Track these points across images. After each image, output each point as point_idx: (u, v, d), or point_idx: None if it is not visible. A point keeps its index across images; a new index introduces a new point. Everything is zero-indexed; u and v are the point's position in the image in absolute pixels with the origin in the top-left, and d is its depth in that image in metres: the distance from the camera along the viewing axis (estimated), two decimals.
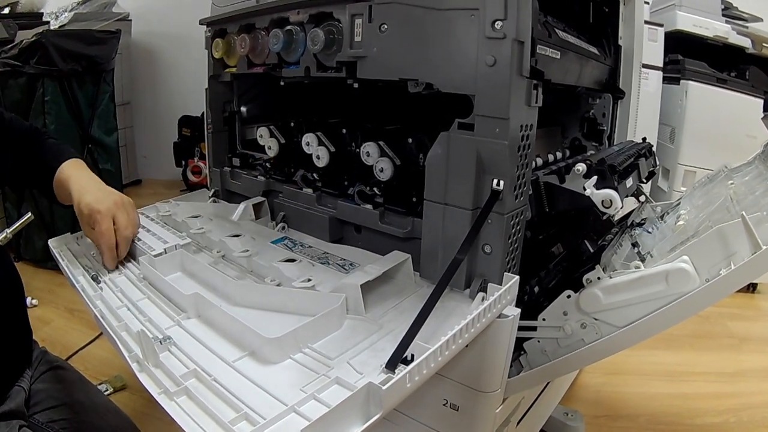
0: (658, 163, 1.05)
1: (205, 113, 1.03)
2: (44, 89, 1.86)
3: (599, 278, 0.64)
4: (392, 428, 0.71)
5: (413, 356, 0.48)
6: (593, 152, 1.04)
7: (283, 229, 0.88)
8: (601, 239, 0.73)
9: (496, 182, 0.60)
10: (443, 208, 0.64)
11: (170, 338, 0.55)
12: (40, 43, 1.80)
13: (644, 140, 1.09)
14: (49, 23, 2.26)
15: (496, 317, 0.58)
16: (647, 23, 1.37)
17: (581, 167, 0.69)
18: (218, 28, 0.94)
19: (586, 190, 0.67)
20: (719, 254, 0.58)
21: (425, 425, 0.69)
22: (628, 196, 0.85)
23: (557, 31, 0.79)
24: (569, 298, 0.66)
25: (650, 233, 0.81)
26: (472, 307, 0.59)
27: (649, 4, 1.63)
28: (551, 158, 0.92)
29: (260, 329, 0.53)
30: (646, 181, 0.96)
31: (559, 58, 0.73)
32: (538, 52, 0.61)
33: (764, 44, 1.92)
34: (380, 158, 0.76)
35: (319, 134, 0.84)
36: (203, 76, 1.01)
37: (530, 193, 0.67)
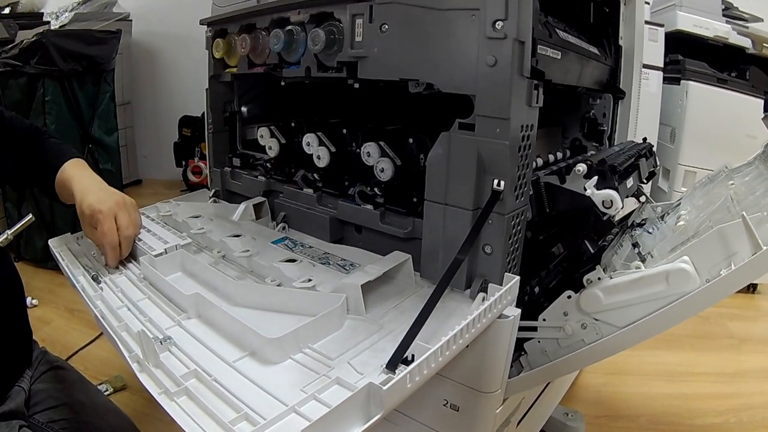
0: (658, 163, 1.05)
1: (205, 113, 1.03)
2: (45, 89, 1.86)
3: (600, 278, 0.64)
4: (392, 428, 0.71)
5: (414, 356, 0.48)
6: (594, 152, 1.04)
7: (283, 229, 0.88)
8: (601, 239, 0.73)
9: (496, 182, 0.60)
10: (444, 208, 0.64)
11: (170, 338, 0.55)
12: (40, 43, 1.80)
13: (644, 140, 1.09)
14: (49, 23, 2.26)
15: (496, 318, 0.58)
16: (648, 23, 1.37)
17: (582, 167, 0.69)
18: (219, 28, 0.94)
19: (586, 190, 0.67)
20: (720, 254, 0.58)
21: (425, 425, 0.69)
22: (628, 196, 0.85)
23: (558, 31, 0.79)
24: (570, 298, 0.66)
25: (651, 233, 0.81)
26: (472, 307, 0.59)
27: (649, 4, 1.63)
28: (552, 158, 0.92)
29: (261, 329, 0.53)
30: (646, 181, 0.96)
31: (559, 58, 0.73)
32: (538, 52, 0.61)
33: (764, 44, 1.92)
34: (381, 158, 0.76)
35: (319, 134, 0.84)
36: (204, 76, 1.01)
37: (531, 193, 0.67)
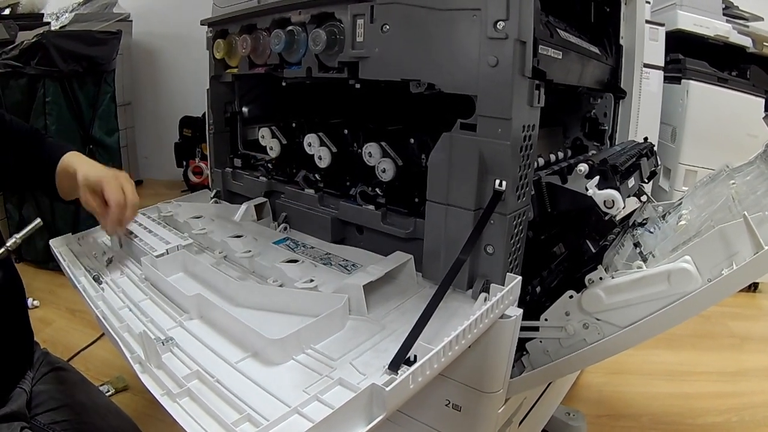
0: (659, 162, 1.05)
1: (206, 114, 1.03)
2: (45, 90, 1.86)
3: (601, 278, 0.64)
4: (394, 428, 0.71)
5: (416, 357, 0.48)
6: (595, 152, 1.04)
7: (285, 229, 0.88)
8: (603, 239, 0.73)
9: (498, 183, 0.60)
10: (445, 208, 0.64)
11: (172, 339, 0.55)
12: (40, 43, 1.80)
13: (645, 140, 1.09)
14: (49, 24, 2.25)
15: (498, 318, 0.58)
16: (648, 23, 1.36)
17: (583, 167, 0.69)
18: (219, 28, 0.94)
19: (588, 190, 0.67)
20: (721, 254, 0.58)
21: (427, 426, 0.69)
22: (629, 196, 0.85)
23: (559, 31, 0.79)
24: (571, 298, 0.66)
25: (652, 233, 0.81)
26: (474, 307, 0.59)
27: (650, 3, 1.62)
28: (553, 158, 0.92)
29: (263, 330, 0.53)
30: (647, 180, 0.96)
31: (560, 58, 0.73)
32: (540, 52, 0.61)
33: (765, 43, 1.91)
34: (382, 159, 0.75)
35: (320, 135, 0.84)
36: (204, 76, 1.01)
37: (532, 193, 0.67)
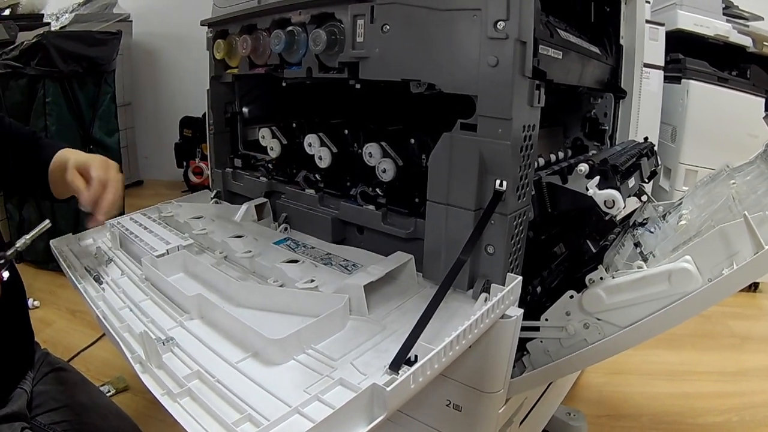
0: (659, 162, 1.05)
1: (206, 114, 1.03)
2: (45, 90, 1.85)
3: (602, 278, 0.64)
4: (395, 428, 0.71)
5: (417, 357, 0.48)
6: (595, 152, 1.04)
7: (285, 230, 0.88)
8: (603, 239, 0.73)
9: (498, 183, 0.60)
10: (446, 208, 0.64)
11: (173, 339, 0.55)
12: (41, 44, 1.80)
13: (646, 140, 1.09)
14: (49, 24, 2.26)
15: (499, 318, 0.58)
16: (648, 22, 1.36)
17: (584, 167, 0.69)
18: (220, 28, 0.94)
19: (588, 190, 0.67)
20: (722, 254, 0.58)
21: (428, 426, 0.69)
22: (630, 195, 0.85)
23: (559, 31, 0.79)
24: (572, 298, 0.66)
25: (652, 233, 0.81)
26: (475, 307, 0.59)
27: (650, 3, 1.62)
28: (553, 158, 0.92)
29: (263, 330, 0.53)
30: (648, 180, 0.96)
31: (561, 58, 0.73)
32: (540, 52, 0.61)
33: (765, 43, 1.91)
34: (382, 159, 0.75)
35: (321, 135, 0.84)
36: (204, 76, 1.01)
37: (533, 193, 0.67)
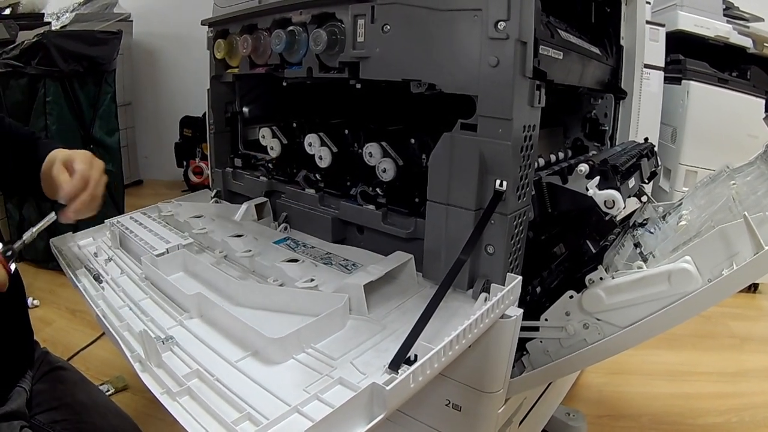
0: (659, 163, 1.05)
1: (207, 114, 1.03)
2: (46, 90, 1.85)
3: (602, 278, 0.64)
4: (394, 428, 0.71)
5: (416, 357, 0.48)
6: (595, 152, 1.05)
7: (285, 229, 0.88)
8: (603, 239, 0.73)
9: (499, 183, 0.60)
10: (446, 208, 0.64)
11: (172, 338, 0.55)
12: (41, 43, 1.80)
13: (646, 140, 1.09)
14: (50, 24, 2.26)
15: (498, 318, 0.58)
16: (649, 23, 1.36)
17: (584, 168, 0.69)
18: (220, 28, 0.94)
19: (588, 190, 0.67)
20: (721, 254, 0.58)
21: (428, 425, 0.69)
22: (630, 196, 0.85)
23: (559, 31, 0.79)
24: (572, 298, 0.66)
25: (652, 233, 0.81)
26: (475, 307, 0.59)
27: (650, 4, 1.62)
28: (553, 158, 0.92)
29: (263, 329, 0.53)
30: (648, 181, 0.96)
31: (561, 58, 0.73)
32: (540, 52, 0.61)
33: (765, 44, 1.91)
34: (383, 159, 0.75)
35: (321, 135, 0.84)
36: (205, 76, 1.01)
37: (533, 193, 0.67)
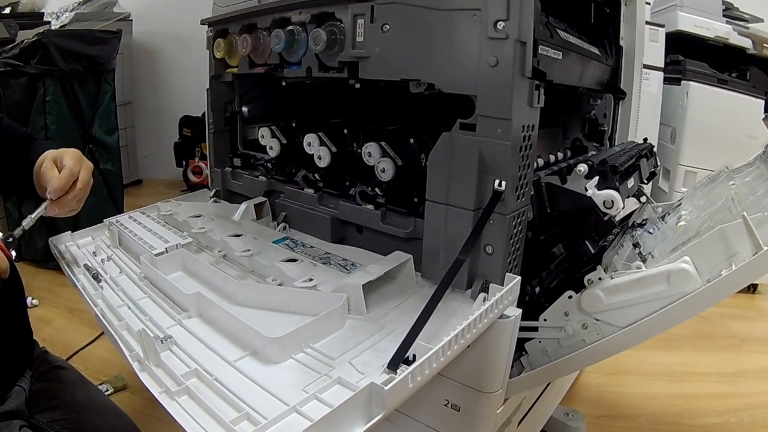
0: (659, 163, 1.05)
1: (206, 113, 1.03)
2: (45, 89, 1.85)
3: (600, 279, 0.64)
4: (393, 428, 0.71)
5: (415, 356, 0.48)
6: (594, 153, 1.04)
7: (284, 229, 0.88)
8: (602, 240, 0.73)
9: (498, 183, 0.60)
10: (445, 208, 0.64)
11: (171, 337, 0.55)
12: (41, 43, 1.80)
13: (645, 141, 1.09)
14: (50, 23, 2.25)
15: (497, 318, 0.58)
16: (648, 24, 1.37)
17: (583, 168, 0.69)
18: (220, 28, 0.94)
19: (587, 190, 0.67)
20: (721, 255, 0.58)
21: (426, 425, 0.69)
22: (629, 196, 0.85)
23: (559, 31, 0.79)
24: (570, 298, 0.66)
25: (651, 234, 0.81)
26: (473, 307, 0.59)
27: (650, 4, 1.63)
28: (553, 159, 0.92)
29: (262, 329, 0.53)
30: (647, 181, 0.96)
31: (560, 58, 0.73)
32: (540, 52, 0.61)
33: (765, 45, 1.91)
34: (382, 158, 0.75)
35: (320, 134, 0.84)
36: (204, 76, 1.01)
37: (532, 193, 0.67)
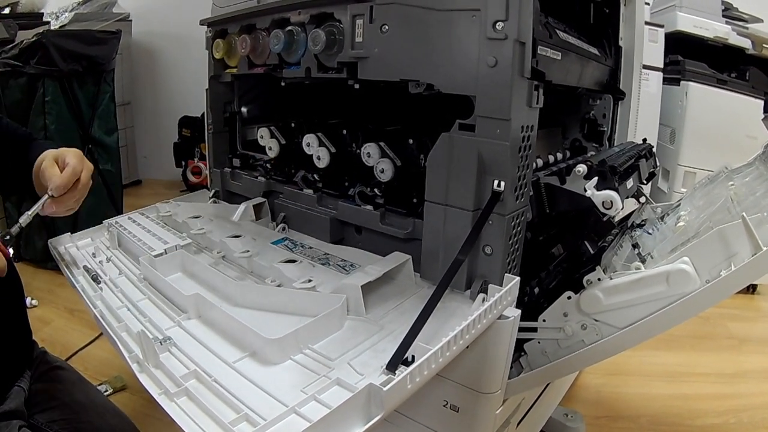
0: (658, 164, 1.05)
1: (205, 114, 1.03)
2: (45, 89, 1.85)
3: (600, 279, 0.64)
4: (392, 429, 0.71)
5: (414, 357, 0.48)
6: (594, 153, 1.04)
7: (283, 229, 0.88)
8: (601, 240, 0.73)
9: (497, 183, 0.60)
10: (444, 209, 0.64)
11: (170, 339, 0.55)
12: (40, 43, 1.80)
13: (644, 141, 1.09)
14: (49, 23, 2.26)
15: (496, 318, 0.58)
16: (648, 24, 1.37)
17: (582, 168, 0.69)
18: (219, 28, 0.94)
19: (586, 191, 0.67)
20: (720, 255, 0.58)
21: (425, 426, 0.69)
22: (628, 197, 0.85)
23: (558, 32, 0.79)
24: (570, 299, 0.66)
25: (651, 234, 0.81)
26: (472, 308, 0.59)
27: (649, 5, 1.63)
28: (552, 159, 0.92)
29: (261, 330, 0.53)
30: (646, 182, 0.96)
31: (560, 59, 0.73)
32: (539, 53, 0.61)
33: (764, 45, 1.91)
34: (381, 159, 0.75)
35: (319, 135, 0.84)
36: (204, 76, 1.01)
37: (531, 194, 0.67)
